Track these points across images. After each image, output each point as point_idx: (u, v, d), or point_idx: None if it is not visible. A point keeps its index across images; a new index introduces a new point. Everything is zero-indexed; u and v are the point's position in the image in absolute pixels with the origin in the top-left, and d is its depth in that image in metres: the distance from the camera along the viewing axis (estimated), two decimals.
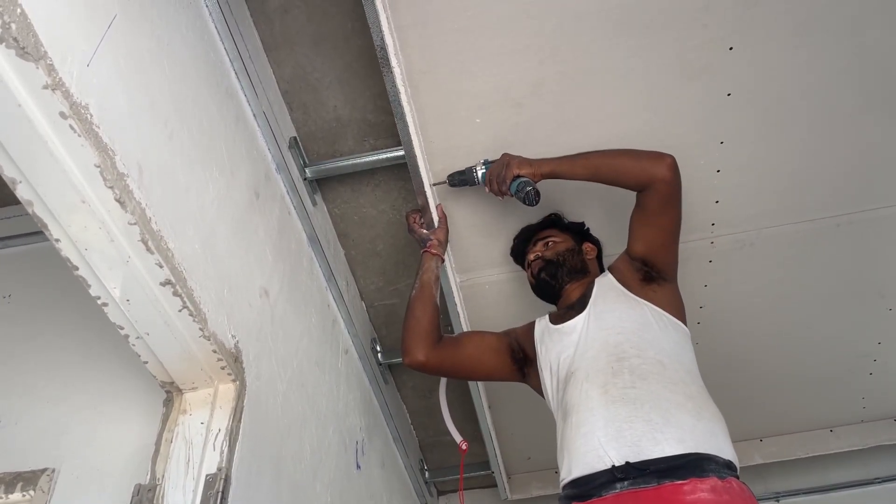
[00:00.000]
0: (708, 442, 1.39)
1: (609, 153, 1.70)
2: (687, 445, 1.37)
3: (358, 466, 1.99)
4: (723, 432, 1.46)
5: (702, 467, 1.34)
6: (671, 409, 1.42)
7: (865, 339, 2.38)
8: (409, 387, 2.67)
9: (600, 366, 1.53)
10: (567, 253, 1.87)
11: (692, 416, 1.42)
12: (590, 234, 2.02)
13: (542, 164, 1.71)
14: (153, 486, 1.18)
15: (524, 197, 1.68)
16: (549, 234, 1.94)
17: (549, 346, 1.74)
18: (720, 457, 1.38)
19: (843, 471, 2.82)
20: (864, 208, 2.02)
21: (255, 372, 1.37)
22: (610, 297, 1.70)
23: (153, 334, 1.18)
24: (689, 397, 1.46)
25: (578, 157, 1.70)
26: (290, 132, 1.86)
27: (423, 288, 1.85)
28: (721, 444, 1.41)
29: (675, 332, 1.64)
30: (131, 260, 1.07)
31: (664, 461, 1.34)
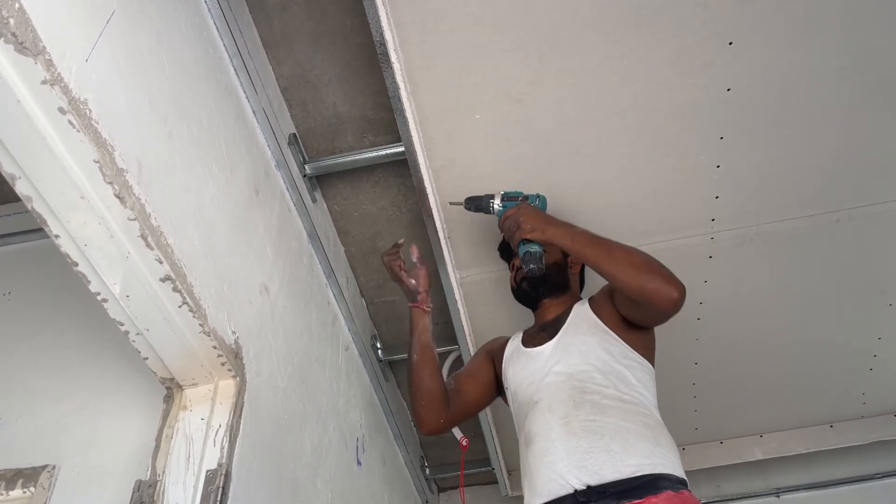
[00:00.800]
0: (663, 465, 1.48)
1: (619, 255, 1.62)
2: (644, 469, 1.45)
3: (359, 463, 1.99)
4: (677, 459, 1.54)
5: (657, 485, 1.43)
6: (630, 439, 1.50)
7: (865, 334, 2.38)
8: None
9: (562, 397, 1.59)
10: (553, 267, 1.89)
11: (650, 443, 1.50)
12: None
13: (555, 234, 1.66)
14: (153, 482, 1.18)
15: (527, 270, 1.69)
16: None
17: (517, 369, 1.78)
18: (674, 475, 1.47)
19: (843, 466, 2.82)
20: (863, 204, 2.02)
21: (255, 368, 1.37)
22: (582, 328, 1.73)
23: (153, 330, 1.18)
24: (647, 427, 1.54)
25: (594, 243, 1.65)
26: (290, 129, 1.86)
27: (423, 350, 1.82)
28: (675, 467, 1.50)
29: (641, 371, 1.68)
30: (131, 256, 1.07)
31: (623, 483, 1.42)
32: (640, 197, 1.98)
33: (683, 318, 2.28)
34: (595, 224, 2.02)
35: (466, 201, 1.84)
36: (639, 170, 1.92)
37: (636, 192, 1.97)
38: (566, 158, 1.89)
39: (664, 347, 2.36)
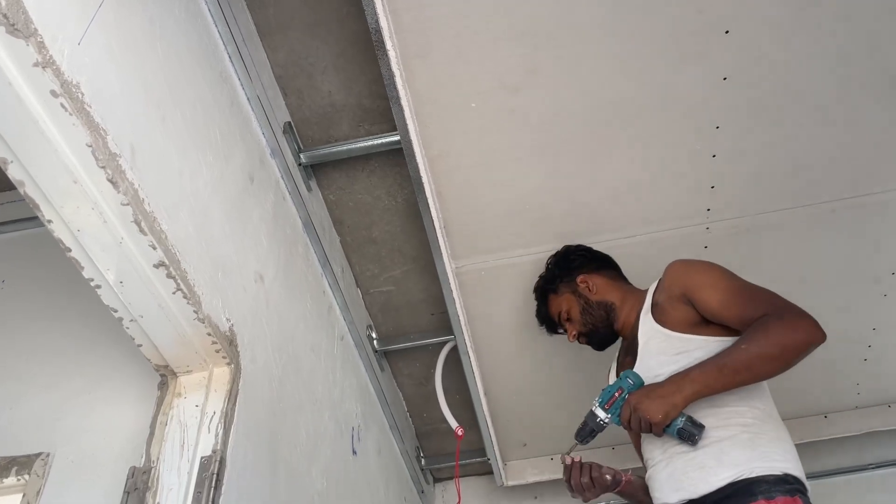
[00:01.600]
0: (762, 465, 1.43)
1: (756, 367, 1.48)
2: (740, 474, 1.43)
3: (354, 452, 1.99)
4: (780, 450, 1.48)
5: (751, 491, 1.40)
6: (724, 449, 1.47)
7: (860, 325, 2.39)
8: (405, 374, 2.67)
9: None
10: (585, 316, 1.86)
11: (746, 448, 1.46)
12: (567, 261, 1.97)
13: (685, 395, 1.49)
14: (148, 469, 1.18)
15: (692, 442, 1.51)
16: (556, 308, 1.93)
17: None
18: (772, 475, 1.42)
19: (836, 457, 2.83)
20: (859, 194, 2.02)
21: (250, 356, 1.37)
22: (653, 348, 1.65)
23: (147, 317, 1.18)
24: (744, 427, 1.50)
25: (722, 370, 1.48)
26: (285, 117, 1.85)
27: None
28: (776, 463, 1.45)
29: None
30: (124, 241, 1.07)
31: (716, 493, 1.44)
32: (635, 186, 1.98)
33: None
34: (590, 214, 2.04)
35: (577, 437, 1.66)
36: (634, 159, 1.92)
37: (632, 182, 1.97)
38: (562, 147, 1.88)
39: None
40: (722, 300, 1.58)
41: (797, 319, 1.50)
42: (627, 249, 2.13)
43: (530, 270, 2.17)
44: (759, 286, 1.62)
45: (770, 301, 1.55)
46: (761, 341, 1.47)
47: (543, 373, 2.48)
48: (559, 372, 2.46)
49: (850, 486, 2.81)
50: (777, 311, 1.51)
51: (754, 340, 1.47)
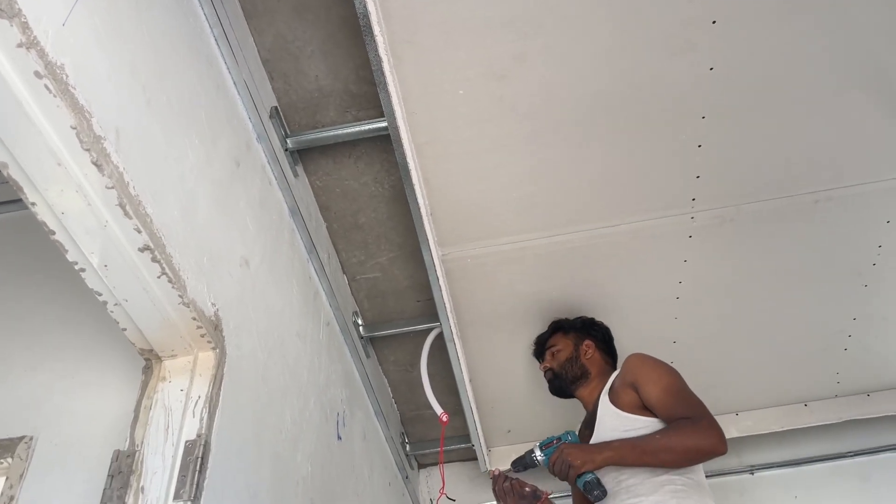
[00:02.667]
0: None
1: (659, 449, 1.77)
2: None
3: (339, 438, 1.99)
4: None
5: None
6: (656, 487, 1.75)
7: (841, 315, 2.42)
8: (390, 361, 2.68)
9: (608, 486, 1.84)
10: (566, 363, 2.19)
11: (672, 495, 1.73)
12: (592, 326, 2.28)
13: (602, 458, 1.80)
14: (132, 453, 1.17)
15: (594, 497, 1.83)
16: (553, 341, 2.26)
17: None
18: None
19: (815, 444, 2.88)
20: (842, 185, 2.05)
21: (235, 341, 1.37)
22: (607, 424, 1.93)
23: (132, 301, 1.17)
24: (673, 493, 1.75)
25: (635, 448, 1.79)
26: (271, 102, 1.84)
27: None
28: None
29: None
30: (109, 225, 1.06)
31: None
32: (621, 175, 2.00)
33: (662, 297, 2.33)
34: (576, 202, 2.05)
35: (513, 465, 1.99)
36: (621, 148, 1.93)
37: (618, 171, 1.98)
38: (549, 136, 1.89)
39: (643, 326, 2.40)
40: (659, 396, 1.85)
41: (708, 429, 1.76)
42: (612, 238, 2.14)
43: (516, 258, 2.19)
44: (693, 394, 1.88)
45: (696, 408, 1.83)
46: (673, 438, 1.77)
47: (528, 361, 2.49)
48: None
49: (828, 473, 2.86)
50: (696, 417, 1.78)
51: (668, 435, 1.78)
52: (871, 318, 2.44)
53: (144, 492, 1.13)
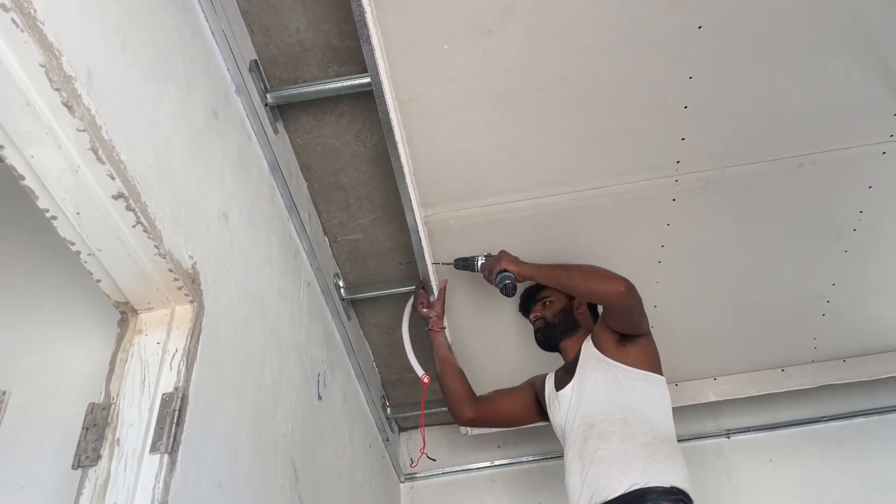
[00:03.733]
0: (654, 478, 1.76)
1: (576, 274, 2.04)
2: (635, 484, 1.75)
3: (319, 398, 1.98)
4: (671, 468, 1.81)
5: (642, 499, 1.73)
6: (627, 461, 1.80)
7: (820, 280, 2.43)
8: (371, 324, 2.66)
9: (577, 435, 1.93)
10: (560, 313, 2.22)
11: (644, 462, 1.79)
12: None
13: (526, 268, 2.09)
14: (107, 405, 1.15)
15: (502, 288, 2.08)
16: (547, 293, 2.25)
17: (553, 413, 2.12)
18: (662, 486, 1.75)
19: (791, 409, 2.92)
20: (826, 149, 2.04)
21: (213, 295, 1.34)
22: (589, 365, 2.04)
23: (106, 251, 1.14)
24: (644, 446, 1.83)
25: (556, 270, 2.08)
26: (251, 55, 1.80)
27: (444, 363, 2.27)
28: (666, 477, 1.78)
29: (645, 385, 1.97)
30: (81, 170, 1.02)
31: (616, 500, 1.74)
32: (606, 136, 1.97)
33: (645, 261, 2.32)
34: (561, 164, 2.03)
35: (455, 262, 2.19)
36: (606, 108, 1.91)
37: (603, 131, 1.96)
38: (534, 94, 1.86)
39: None
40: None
41: (623, 281, 1.92)
42: (598, 200, 2.13)
43: (500, 220, 2.17)
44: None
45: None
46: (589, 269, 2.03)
47: (510, 322, 2.49)
48: (522, 325, 2.48)
49: (803, 437, 2.91)
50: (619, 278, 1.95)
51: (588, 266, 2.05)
52: (850, 284, 2.45)
53: (120, 444, 1.11)
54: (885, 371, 2.71)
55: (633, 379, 1.96)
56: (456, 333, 2.44)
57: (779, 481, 2.82)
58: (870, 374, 2.71)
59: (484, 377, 2.49)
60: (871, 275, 2.43)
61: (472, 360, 2.51)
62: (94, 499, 1.06)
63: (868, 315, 2.57)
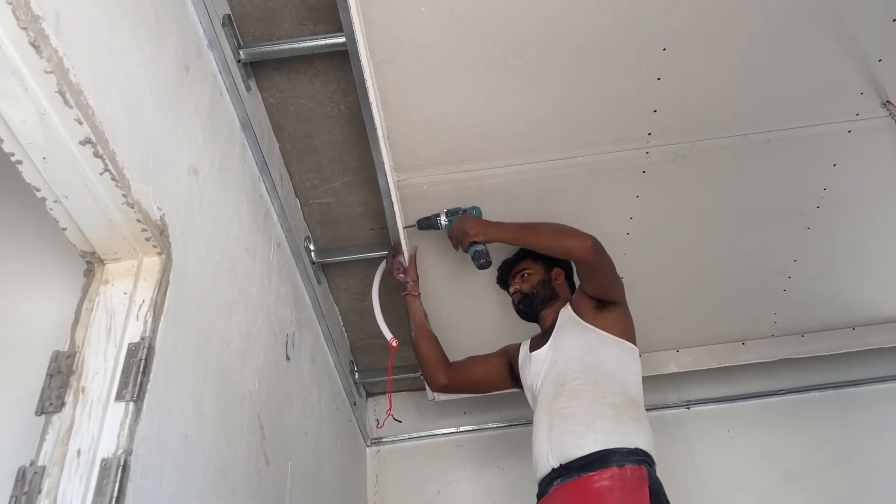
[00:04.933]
0: (620, 439, 1.80)
1: (543, 232, 2.07)
2: (601, 444, 1.78)
3: (288, 358, 1.99)
4: (636, 430, 1.85)
5: (607, 460, 1.76)
6: (594, 419, 1.83)
7: (782, 256, 2.49)
8: (342, 288, 2.67)
9: (549, 393, 1.97)
10: (539, 284, 2.25)
11: (610, 422, 1.83)
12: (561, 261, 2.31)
13: (494, 231, 2.09)
14: (72, 353, 1.15)
15: (479, 265, 2.07)
16: (524, 265, 2.28)
17: (525, 372, 2.17)
18: (626, 447, 1.79)
19: (750, 382, 3.00)
20: (794, 126, 2.08)
21: (181, 248, 1.34)
22: (566, 327, 2.08)
23: (72, 198, 1.13)
24: (612, 406, 1.86)
25: (524, 229, 2.09)
26: (224, 10, 1.77)
27: (419, 328, 2.29)
28: (631, 438, 1.81)
29: (618, 350, 2.02)
30: (47, 113, 1.01)
31: (582, 459, 1.78)
32: (579, 105, 1.99)
33: (613, 232, 2.35)
34: (534, 132, 2.04)
35: (418, 222, 2.18)
36: (580, 77, 1.92)
37: (576, 101, 1.98)
38: (509, 60, 1.86)
39: None
40: None
41: (589, 238, 1.98)
42: (568, 171, 2.15)
43: (474, 187, 2.18)
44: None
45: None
46: (557, 227, 2.05)
47: (477, 294, 2.51)
48: (491, 295, 2.51)
49: (761, 409, 3.00)
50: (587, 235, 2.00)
51: (555, 224, 2.06)
52: (811, 261, 2.51)
53: (85, 392, 1.11)
54: (841, 347, 2.79)
55: (607, 343, 2.00)
56: (427, 298, 2.45)
57: (735, 451, 2.92)
58: (826, 349, 2.79)
59: (455, 343, 2.50)
60: (832, 252, 2.49)
61: (445, 327, 2.52)
62: (58, 444, 1.06)
63: (827, 292, 2.64)
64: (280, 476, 1.82)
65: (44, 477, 1.04)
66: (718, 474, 2.87)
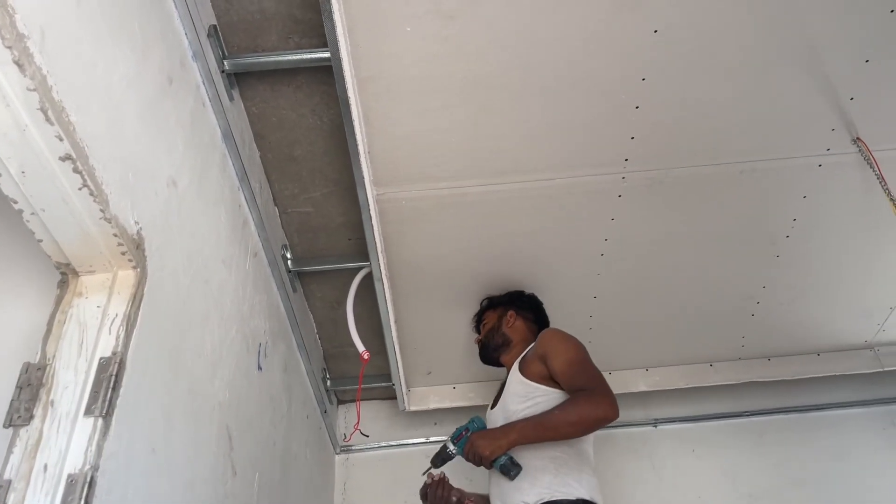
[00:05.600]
0: (561, 490, 1.90)
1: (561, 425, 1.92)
2: (545, 497, 1.89)
3: (260, 368, 1.99)
4: (577, 481, 1.93)
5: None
6: (536, 475, 1.94)
7: (752, 282, 2.54)
8: (317, 297, 2.68)
9: None
10: (489, 333, 2.39)
11: (551, 475, 1.93)
12: (519, 297, 2.44)
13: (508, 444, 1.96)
14: (43, 366, 1.15)
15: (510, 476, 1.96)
16: (484, 317, 2.46)
17: None
18: (568, 499, 1.89)
19: (717, 403, 3.05)
20: (766, 157, 2.13)
21: (157, 262, 1.34)
22: (512, 388, 2.14)
23: (49, 211, 1.13)
24: (552, 459, 1.95)
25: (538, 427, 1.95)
26: (210, 20, 1.77)
27: None
28: (572, 489, 1.91)
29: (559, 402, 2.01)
30: (28, 129, 1.01)
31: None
32: (559, 129, 2.02)
33: (588, 253, 2.39)
34: (514, 153, 2.07)
35: (431, 462, 2.15)
36: (561, 101, 1.95)
37: (557, 125, 2.00)
38: (492, 81, 1.89)
39: (568, 280, 2.47)
40: (563, 368, 2.02)
41: (601, 398, 1.91)
42: (546, 192, 2.18)
43: (451, 204, 2.20)
44: (594, 367, 2.03)
45: (593, 380, 1.98)
46: (569, 411, 1.92)
47: (452, 307, 2.55)
48: (467, 307, 2.53)
49: (727, 429, 3.04)
50: (591, 388, 1.94)
51: (565, 409, 1.93)
52: (779, 288, 2.57)
53: (54, 405, 1.11)
54: (806, 371, 2.86)
55: (552, 399, 2.01)
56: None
57: (700, 471, 2.96)
58: (792, 373, 2.86)
59: None
60: (799, 280, 2.55)
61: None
62: (25, 458, 1.06)
63: (794, 318, 2.70)
64: (247, 486, 1.82)
65: (9, 491, 1.04)
66: (682, 492, 2.91)
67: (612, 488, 2.81)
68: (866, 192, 2.19)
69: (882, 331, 2.79)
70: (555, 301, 2.48)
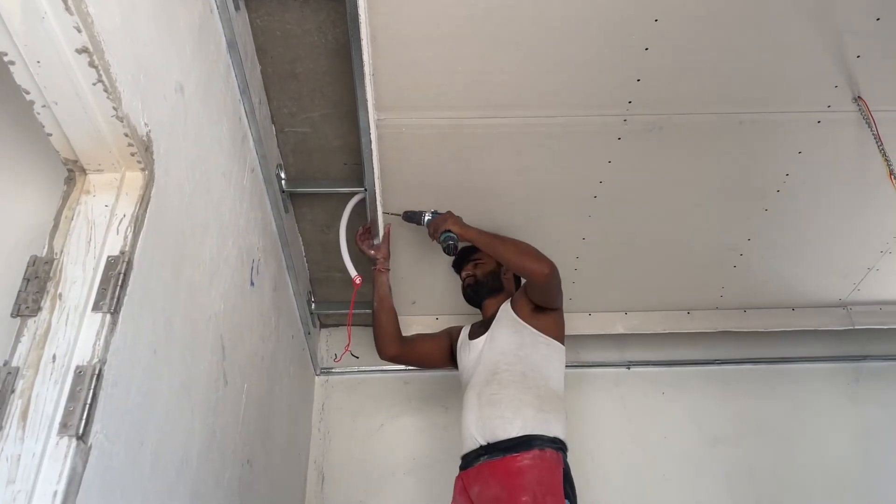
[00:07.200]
0: (542, 426, 2.05)
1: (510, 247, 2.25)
2: (526, 429, 2.04)
3: (252, 284, 2.01)
4: (556, 420, 2.09)
5: (530, 443, 2.02)
6: (521, 407, 2.08)
7: (738, 234, 2.59)
8: (307, 219, 2.67)
9: (481, 379, 2.20)
10: (489, 275, 2.50)
11: (535, 410, 2.07)
12: None
13: (468, 232, 2.28)
14: (50, 260, 1.15)
15: (445, 247, 2.28)
16: (479, 255, 2.51)
17: (462, 356, 2.41)
18: (547, 435, 2.05)
19: (690, 349, 3.14)
20: (768, 110, 2.14)
21: (164, 166, 1.33)
22: (503, 323, 2.31)
23: (62, 104, 1.11)
24: (537, 397, 2.11)
25: (494, 240, 2.27)
26: None
27: (382, 301, 2.48)
28: (551, 427, 2.07)
29: (547, 348, 2.24)
30: (47, 17, 0.99)
31: (508, 441, 2.04)
32: (565, 66, 2.01)
33: (582, 194, 2.41)
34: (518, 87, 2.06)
35: (403, 213, 2.39)
36: (571, 38, 1.93)
37: (563, 61, 1.99)
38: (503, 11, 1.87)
39: (559, 220, 2.49)
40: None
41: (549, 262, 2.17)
42: (546, 129, 2.18)
43: (451, 134, 2.19)
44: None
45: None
46: (522, 244, 2.23)
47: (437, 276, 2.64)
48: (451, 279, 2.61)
49: (697, 376, 3.14)
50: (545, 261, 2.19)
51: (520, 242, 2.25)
52: (763, 242, 2.62)
53: (62, 298, 1.12)
54: (779, 325, 2.95)
55: (538, 341, 2.23)
56: None
57: (668, 413, 3.07)
58: (765, 325, 2.95)
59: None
60: (783, 236, 2.61)
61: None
62: (34, 347, 1.08)
63: (773, 272, 2.77)
64: (236, 396, 1.86)
65: (17, 378, 1.06)
66: (649, 432, 3.02)
67: (583, 424, 2.92)
68: (861, 152, 2.23)
69: (857, 290, 2.87)
70: (544, 241, 2.49)
